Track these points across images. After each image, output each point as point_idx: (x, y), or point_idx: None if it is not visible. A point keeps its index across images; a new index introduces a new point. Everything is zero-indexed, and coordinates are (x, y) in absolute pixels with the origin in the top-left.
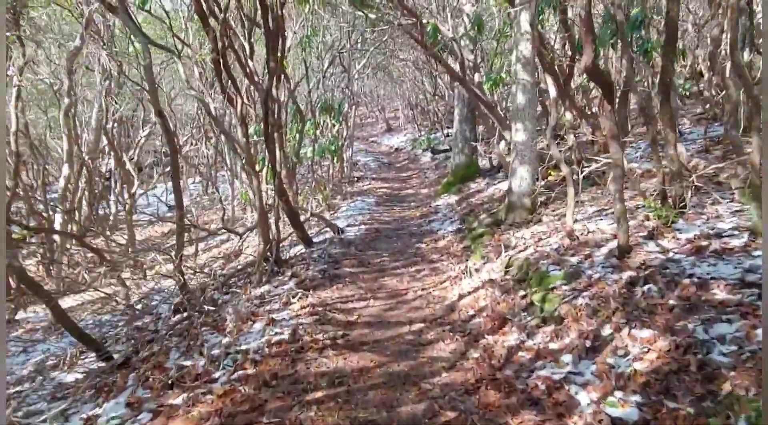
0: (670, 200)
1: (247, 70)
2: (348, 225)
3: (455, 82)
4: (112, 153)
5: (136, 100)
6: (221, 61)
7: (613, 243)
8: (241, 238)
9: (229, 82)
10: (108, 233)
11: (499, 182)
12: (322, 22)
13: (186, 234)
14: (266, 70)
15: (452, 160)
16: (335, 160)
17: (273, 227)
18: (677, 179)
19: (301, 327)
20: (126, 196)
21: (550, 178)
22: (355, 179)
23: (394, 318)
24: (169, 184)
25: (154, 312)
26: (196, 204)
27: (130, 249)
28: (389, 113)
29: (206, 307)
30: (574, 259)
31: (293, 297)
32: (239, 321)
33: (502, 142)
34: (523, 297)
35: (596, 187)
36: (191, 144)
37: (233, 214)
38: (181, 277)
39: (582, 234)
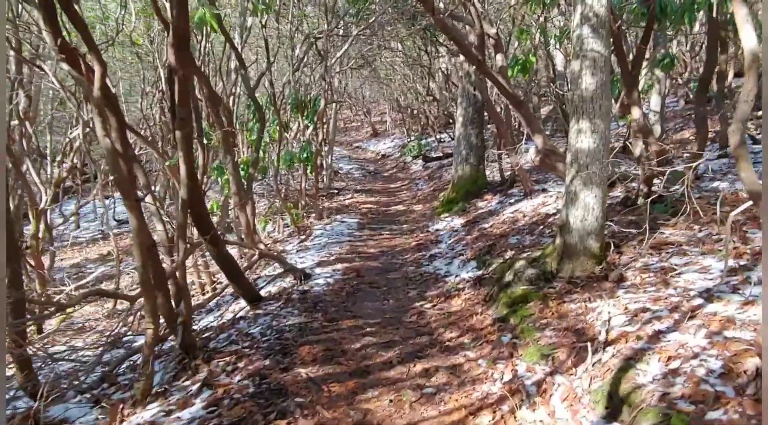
0: None
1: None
2: (318, 264)
3: (471, 67)
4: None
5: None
6: None
7: None
8: (132, 307)
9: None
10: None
11: (516, 201)
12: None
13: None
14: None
15: (454, 171)
16: (309, 170)
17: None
18: None
19: None
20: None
21: None
22: (336, 192)
23: None
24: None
25: None
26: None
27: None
28: (375, 117)
29: None
30: None
31: None
32: None
33: (532, 149)
34: None
35: (685, 219)
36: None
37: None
38: (21, 374)
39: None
